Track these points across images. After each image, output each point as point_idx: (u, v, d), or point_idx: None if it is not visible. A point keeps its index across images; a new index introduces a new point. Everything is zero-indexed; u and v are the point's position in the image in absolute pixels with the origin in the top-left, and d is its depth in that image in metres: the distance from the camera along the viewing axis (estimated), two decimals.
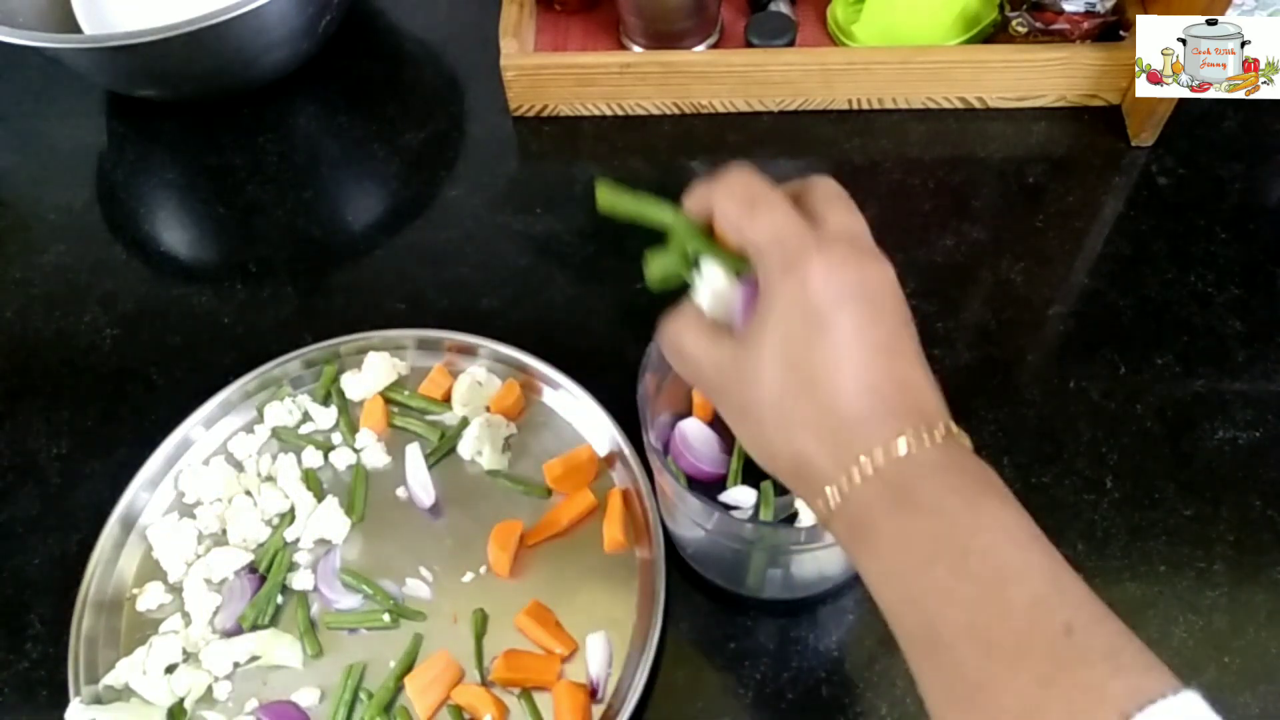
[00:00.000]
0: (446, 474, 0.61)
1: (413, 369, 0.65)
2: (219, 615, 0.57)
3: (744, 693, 0.54)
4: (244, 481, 0.61)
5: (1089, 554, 0.58)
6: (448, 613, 0.57)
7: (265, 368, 0.64)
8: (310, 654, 0.56)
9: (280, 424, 0.63)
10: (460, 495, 0.60)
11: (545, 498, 0.60)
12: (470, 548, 0.58)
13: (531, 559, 0.58)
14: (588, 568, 0.58)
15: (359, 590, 0.57)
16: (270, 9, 0.68)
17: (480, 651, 0.55)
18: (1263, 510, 0.59)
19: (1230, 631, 0.55)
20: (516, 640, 0.55)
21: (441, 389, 0.64)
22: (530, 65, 0.74)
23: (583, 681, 0.54)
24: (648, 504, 0.57)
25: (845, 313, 0.38)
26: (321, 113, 0.80)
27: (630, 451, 0.59)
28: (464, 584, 0.58)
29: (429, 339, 0.65)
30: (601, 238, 0.71)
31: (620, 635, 0.55)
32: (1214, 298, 0.67)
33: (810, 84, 0.74)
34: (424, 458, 0.61)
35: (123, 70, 0.75)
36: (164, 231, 0.75)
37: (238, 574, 0.58)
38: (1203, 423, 0.62)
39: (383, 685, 0.54)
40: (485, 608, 0.57)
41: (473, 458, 0.61)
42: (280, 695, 0.55)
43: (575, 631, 0.55)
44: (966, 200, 0.72)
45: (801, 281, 0.38)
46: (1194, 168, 0.72)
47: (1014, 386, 0.64)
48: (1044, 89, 0.74)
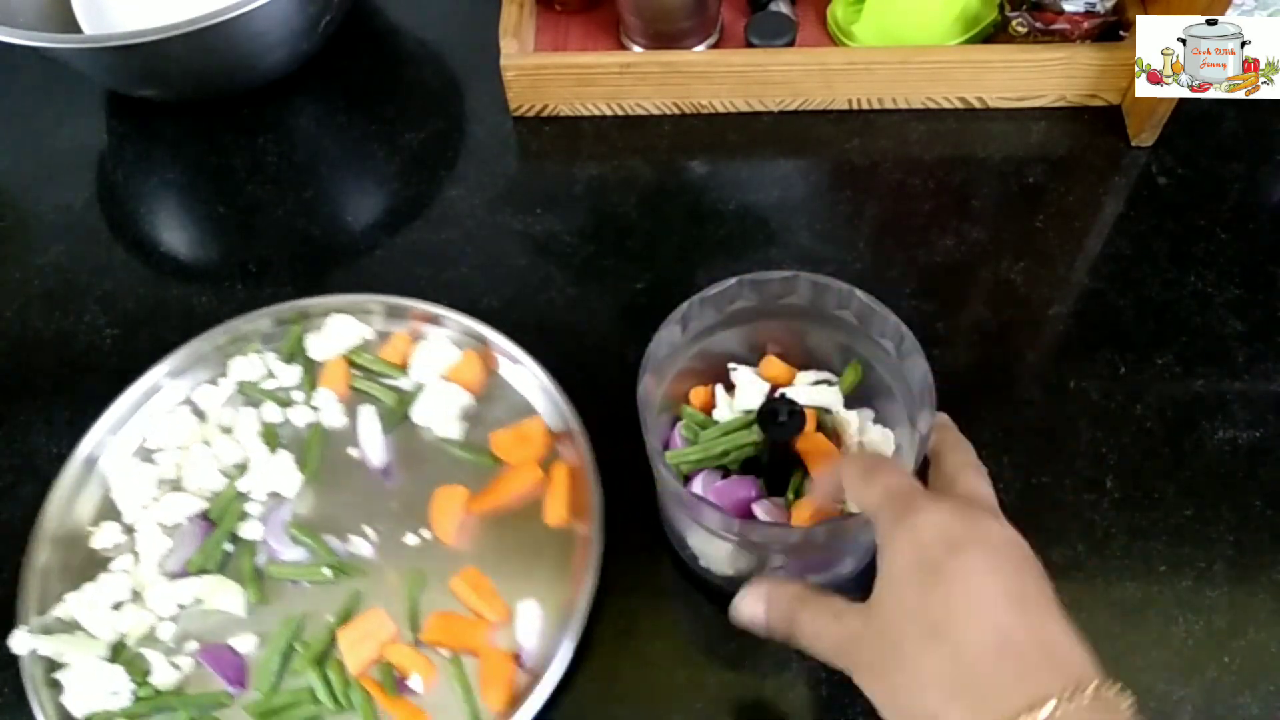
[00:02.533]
0: (400, 438, 0.63)
1: (378, 334, 0.67)
2: (169, 558, 0.59)
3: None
4: (204, 432, 0.63)
5: (1089, 554, 0.58)
6: (388, 572, 0.58)
7: (234, 322, 0.66)
8: (253, 601, 0.57)
9: (245, 378, 0.65)
10: (411, 460, 0.62)
11: (493, 468, 0.61)
12: (415, 511, 0.60)
13: (474, 527, 0.59)
14: (528, 539, 0.59)
15: (304, 544, 0.59)
16: (270, 9, 0.68)
17: (415, 612, 0.57)
18: (1263, 510, 0.59)
19: (1230, 631, 0.55)
20: (451, 604, 0.57)
21: (402, 355, 0.65)
22: (530, 65, 0.74)
23: (511, 649, 0.55)
24: (591, 482, 0.58)
25: (964, 559, 0.36)
26: (321, 113, 0.80)
27: (580, 430, 0.60)
28: (406, 546, 0.59)
29: (396, 305, 0.66)
30: (601, 238, 0.71)
31: (553, 607, 0.56)
32: (1214, 298, 0.67)
33: (810, 84, 0.74)
34: (379, 420, 0.63)
35: (123, 70, 0.75)
36: (164, 231, 0.75)
37: (190, 520, 0.60)
38: (1203, 423, 0.62)
39: (317, 637, 0.56)
40: (424, 570, 0.58)
41: (427, 424, 0.62)
42: (220, 640, 0.57)
43: (510, 600, 0.57)
44: (966, 200, 0.72)
45: (912, 529, 0.37)
46: (1194, 168, 0.72)
47: (1014, 386, 0.64)
48: (1044, 89, 0.74)
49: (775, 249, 0.70)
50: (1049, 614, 0.37)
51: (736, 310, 0.54)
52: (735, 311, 0.54)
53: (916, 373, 0.49)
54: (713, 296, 0.52)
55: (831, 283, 0.52)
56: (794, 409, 0.49)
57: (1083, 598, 0.56)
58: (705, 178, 0.74)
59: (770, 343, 0.57)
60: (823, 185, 0.74)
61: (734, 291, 0.52)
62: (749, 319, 0.55)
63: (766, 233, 0.71)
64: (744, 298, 0.53)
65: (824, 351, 0.56)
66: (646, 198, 0.73)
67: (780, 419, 0.49)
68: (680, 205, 0.73)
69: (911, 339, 0.50)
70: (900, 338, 0.50)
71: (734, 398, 0.56)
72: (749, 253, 0.70)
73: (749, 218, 0.72)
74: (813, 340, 0.56)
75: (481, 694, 0.54)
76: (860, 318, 0.52)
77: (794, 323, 0.55)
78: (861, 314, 0.52)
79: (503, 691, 0.54)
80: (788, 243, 0.70)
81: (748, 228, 0.71)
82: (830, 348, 0.56)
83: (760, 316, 0.54)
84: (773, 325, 0.55)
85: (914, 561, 0.37)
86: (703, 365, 0.56)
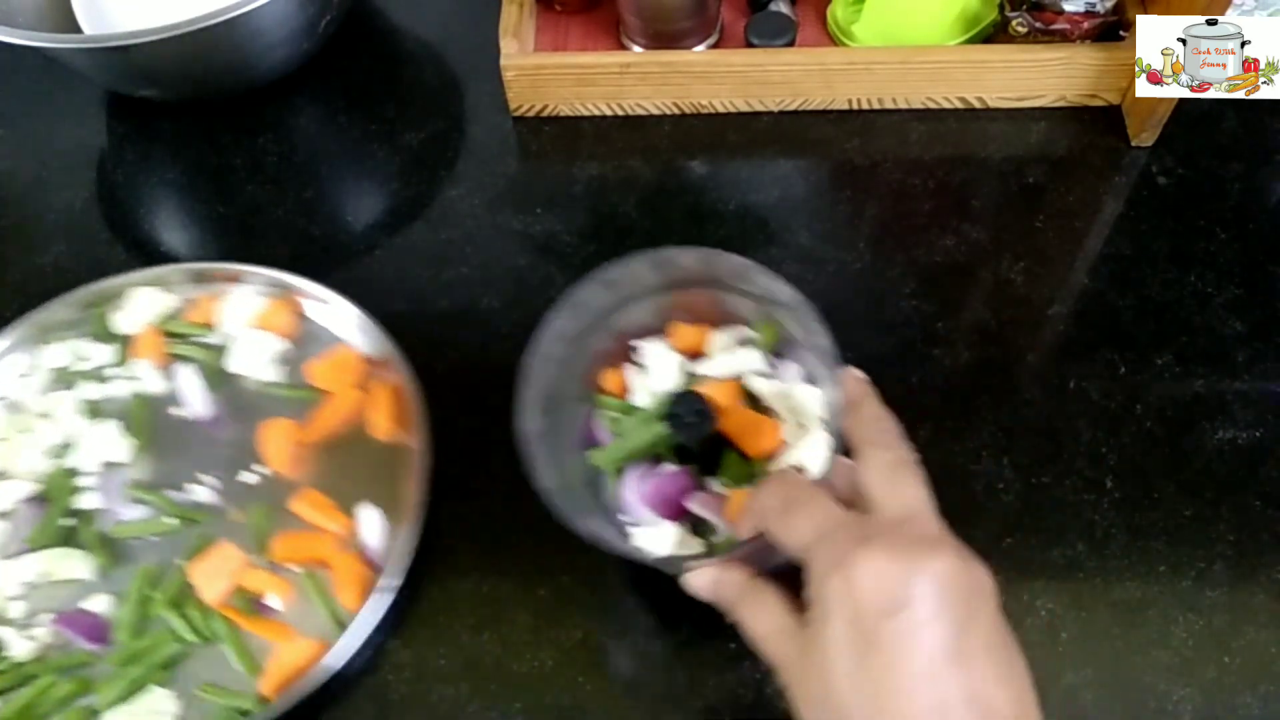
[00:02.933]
0: (223, 390, 0.65)
1: (185, 301, 0.68)
2: (9, 542, 0.59)
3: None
4: (22, 422, 0.64)
5: (1089, 554, 0.58)
6: (231, 511, 0.61)
7: (35, 313, 0.67)
8: (103, 564, 0.59)
9: (58, 365, 0.66)
10: (236, 407, 0.65)
11: (316, 399, 0.64)
12: (248, 451, 0.62)
13: (307, 453, 0.62)
14: (361, 456, 0.62)
15: (146, 502, 0.61)
16: (270, 9, 0.68)
17: (262, 538, 0.59)
18: (1263, 510, 0.59)
19: (1230, 631, 0.55)
20: (297, 526, 0.60)
21: (210, 315, 0.67)
22: (530, 65, 0.74)
23: (359, 553, 0.58)
24: (413, 395, 0.61)
25: (901, 622, 0.35)
26: (321, 113, 0.80)
27: (397, 354, 0.63)
28: (245, 484, 0.62)
29: (196, 271, 0.68)
30: (601, 238, 0.71)
31: (392, 509, 0.59)
32: (1214, 298, 0.67)
33: (810, 84, 0.74)
34: (199, 378, 0.65)
35: (123, 70, 0.75)
36: (164, 231, 0.75)
37: (23, 503, 0.61)
38: (1203, 423, 0.62)
39: (170, 579, 0.58)
40: (265, 502, 0.61)
41: (245, 372, 0.65)
42: (75, 606, 0.58)
43: (350, 511, 0.60)
44: (966, 200, 0.72)
45: (846, 583, 0.36)
46: (1194, 168, 0.72)
47: (1014, 386, 0.64)
48: (1044, 89, 0.74)
49: (775, 249, 0.70)
50: (988, 661, 0.36)
51: (641, 288, 0.52)
52: (639, 289, 0.52)
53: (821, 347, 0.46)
54: (610, 279, 0.50)
55: (730, 257, 0.49)
56: (699, 406, 0.47)
57: (1083, 598, 0.56)
58: (705, 178, 0.74)
59: (682, 311, 0.54)
60: (823, 185, 0.74)
61: (638, 270, 0.50)
62: (656, 293, 0.52)
63: (766, 233, 0.71)
64: (647, 277, 0.51)
65: (736, 311, 0.53)
66: (646, 198, 0.73)
67: (687, 420, 0.47)
68: (680, 205, 0.73)
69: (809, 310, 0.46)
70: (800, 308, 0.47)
71: (647, 377, 0.54)
72: (749, 253, 0.69)
73: (749, 218, 0.72)
74: (729, 305, 0.53)
75: (338, 596, 0.57)
76: (766, 294, 0.50)
77: (706, 291, 0.52)
78: (767, 291, 0.50)
79: (357, 590, 0.57)
80: (788, 243, 0.70)
81: (748, 228, 0.71)
82: (741, 308, 0.53)
83: (670, 288, 0.52)
84: (684, 296, 0.53)
85: (850, 626, 0.36)
86: (610, 346, 0.54)
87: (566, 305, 0.50)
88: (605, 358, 0.55)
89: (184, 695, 0.55)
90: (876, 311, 0.66)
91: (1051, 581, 0.57)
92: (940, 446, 0.61)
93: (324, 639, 0.55)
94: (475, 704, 0.55)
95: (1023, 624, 0.56)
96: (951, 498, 0.59)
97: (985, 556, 0.43)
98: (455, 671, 0.56)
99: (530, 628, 0.57)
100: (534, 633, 0.57)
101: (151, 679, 0.55)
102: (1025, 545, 0.58)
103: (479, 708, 0.55)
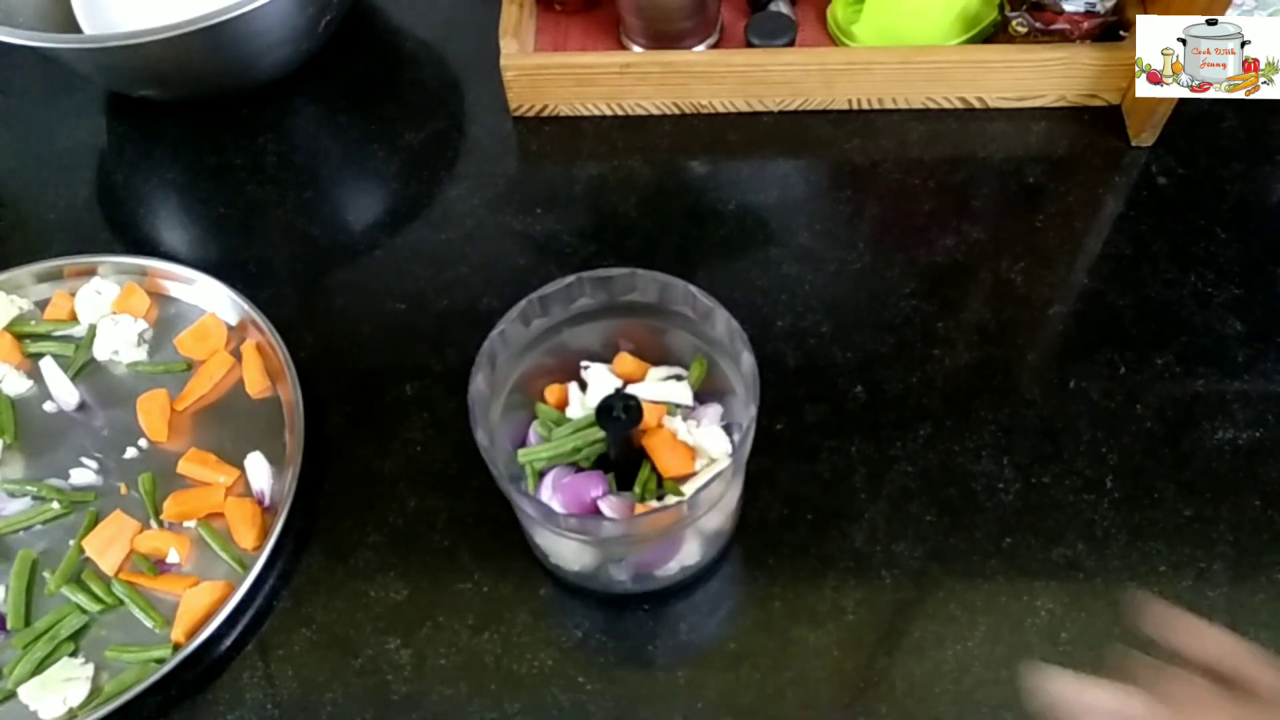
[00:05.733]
0: (91, 379, 0.67)
1: (38, 302, 0.70)
2: None
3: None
4: None
5: (1089, 554, 0.58)
6: (117, 485, 0.62)
7: None
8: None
9: None
10: (109, 391, 0.66)
11: (186, 370, 0.66)
12: (126, 429, 0.64)
13: (187, 421, 0.65)
14: (240, 413, 0.65)
15: (25, 494, 0.62)
16: (270, 9, 0.68)
17: (154, 504, 0.61)
18: (1263, 510, 0.59)
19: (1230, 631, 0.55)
20: (187, 485, 0.62)
21: (66, 310, 0.69)
22: (530, 65, 0.74)
23: (250, 497, 0.61)
24: (280, 352, 0.64)
25: None
26: (321, 113, 0.80)
27: (261, 319, 0.65)
28: (128, 459, 0.63)
29: (44, 270, 0.69)
30: (601, 238, 0.71)
31: (276, 454, 0.62)
32: (1214, 298, 0.67)
33: (810, 84, 0.74)
34: (63, 370, 0.66)
35: (123, 70, 0.75)
36: (164, 231, 0.75)
37: None
38: (1203, 423, 0.62)
39: (65, 558, 0.59)
40: (152, 472, 0.62)
41: (110, 358, 0.67)
42: None
43: (237, 462, 0.62)
44: (966, 200, 0.72)
45: None
46: (1194, 168, 0.72)
47: (1014, 386, 0.64)
48: (1044, 89, 0.74)
49: (775, 249, 0.70)
50: None
51: (583, 308, 0.55)
52: (582, 309, 0.55)
53: (745, 366, 0.50)
54: (552, 294, 0.53)
55: (671, 280, 0.53)
56: (629, 404, 0.50)
57: (1083, 598, 0.56)
58: (705, 178, 0.74)
59: (624, 339, 0.58)
60: (823, 185, 0.74)
61: (575, 289, 0.53)
62: (598, 316, 0.56)
63: (766, 233, 0.71)
64: (586, 295, 0.54)
65: (678, 348, 0.57)
66: (646, 198, 0.73)
67: (616, 414, 0.50)
68: (680, 205, 0.73)
69: (741, 334, 0.51)
70: (732, 334, 0.51)
71: (586, 395, 0.57)
72: (749, 252, 0.70)
73: (749, 218, 0.72)
74: (668, 338, 0.57)
75: (235, 539, 0.59)
76: (700, 314, 0.53)
77: (645, 319, 0.56)
78: (700, 310, 0.53)
79: (253, 530, 0.59)
80: (788, 243, 0.70)
81: (748, 228, 0.71)
82: (683, 345, 0.57)
83: (610, 313, 0.55)
84: (624, 322, 0.56)
85: None
86: (558, 363, 0.57)
87: (512, 317, 0.53)
88: (553, 372, 0.58)
89: (95, 658, 0.57)
90: (876, 311, 0.66)
91: (1051, 581, 0.57)
92: (940, 446, 0.61)
93: (229, 581, 0.58)
94: (475, 704, 0.55)
95: (1023, 624, 0.56)
96: (951, 498, 0.60)
97: (985, 556, 0.44)
98: (455, 671, 0.56)
99: (530, 628, 0.57)
100: (534, 633, 0.57)
101: (62, 651, 0.57)
102: (1025, 545, 0.58)
103: (479, 708, 0.55)
